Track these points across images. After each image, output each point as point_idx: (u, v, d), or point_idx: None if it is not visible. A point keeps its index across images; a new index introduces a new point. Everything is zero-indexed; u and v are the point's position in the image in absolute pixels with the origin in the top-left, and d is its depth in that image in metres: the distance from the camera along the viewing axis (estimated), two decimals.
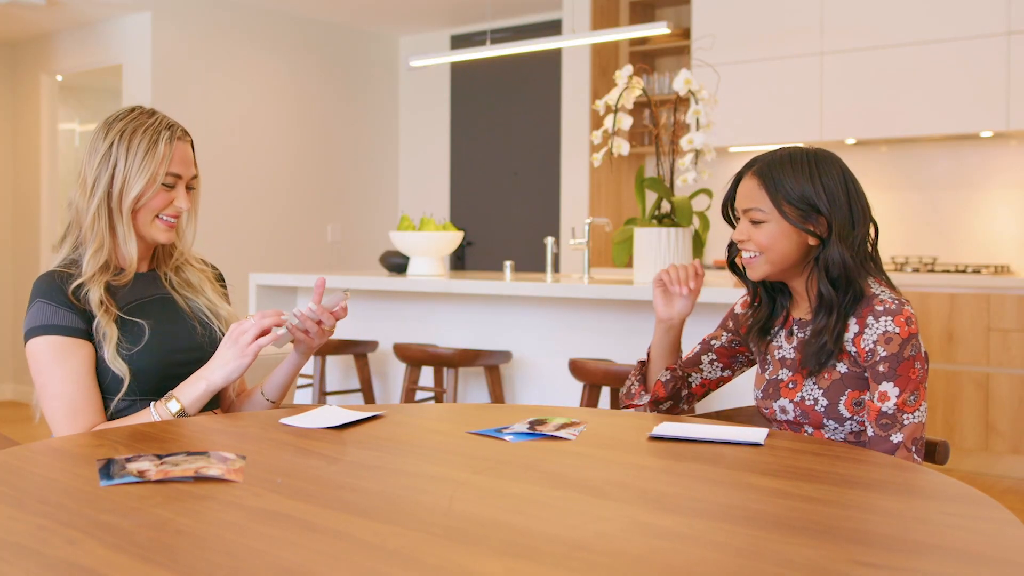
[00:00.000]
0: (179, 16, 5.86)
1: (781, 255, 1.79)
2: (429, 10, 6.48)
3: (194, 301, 1.95)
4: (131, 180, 1.81)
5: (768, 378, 1.89)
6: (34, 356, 1.78)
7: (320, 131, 6.65)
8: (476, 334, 3.84)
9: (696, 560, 1.02)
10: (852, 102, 5.05)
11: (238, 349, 1.76)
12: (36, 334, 1.78)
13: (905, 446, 1.69)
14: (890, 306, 1.72)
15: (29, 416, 6.10)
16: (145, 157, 1.82)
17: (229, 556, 1.01)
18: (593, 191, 5.95)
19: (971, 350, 4.51)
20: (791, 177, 1.77)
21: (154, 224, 1.87)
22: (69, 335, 1.77)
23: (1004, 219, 5.04)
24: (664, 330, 1.99)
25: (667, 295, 1.97)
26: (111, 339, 1.78)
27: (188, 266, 1.99)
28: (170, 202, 1.86)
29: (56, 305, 1.78)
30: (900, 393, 1.69)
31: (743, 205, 1.82)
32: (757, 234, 1.79)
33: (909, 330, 1.70)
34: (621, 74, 3.40)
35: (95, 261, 1.83)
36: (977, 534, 1.12)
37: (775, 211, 1.77)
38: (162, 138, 1.83)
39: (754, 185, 1.80)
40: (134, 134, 1.83)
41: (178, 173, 1.86)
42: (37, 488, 1.27)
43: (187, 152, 1.89)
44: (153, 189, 1.83)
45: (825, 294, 1.76)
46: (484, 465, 1.42)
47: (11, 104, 6.60)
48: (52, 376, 1.76)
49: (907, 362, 1.69)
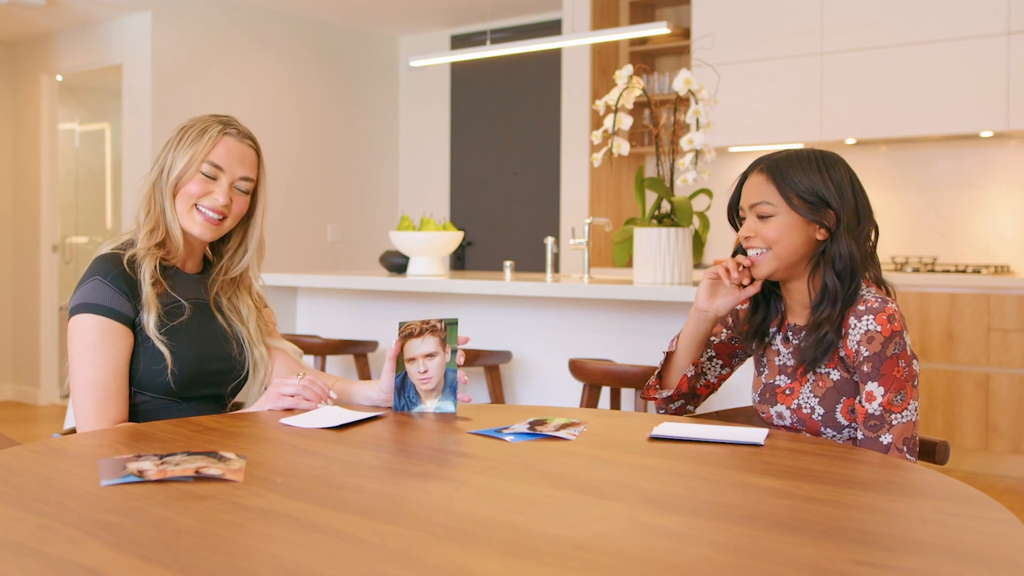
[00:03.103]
0: (179, 16, 5.86)
1: (789, 249, 1.77)
2: (429, 10, 6.48)
3: (237, 327, 1.97)
4: (177, 161, 1.88)
5: (765, 382, 1.89)
6: (79, 332, 1.78)
7: (320, 131, 6.65)
8: (476, 334, 3.84)
9: (696, 560, 1.02)
10: (852, 102, 5.05)
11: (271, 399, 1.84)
12: (85, 311, 1.78)
13: (896, 447, 1.68)
14: (872, 304, 1.70)
15: (29, 416, 6.10)
16: (193, 141, 1.88)
17: (229, 556, 1.02)
18: (593, 191, 5.95)
19: (971, 350, 4.51)
20: (799, 171, 1.77)
21: (191, 214, 1.89)
22: (116, 319, 1.78)
23: (1004, 219, 5.04)
24: (699, 320, 1.92)
25: (714, 287, 1.90)
26: (154, 311, 1.80)
27: (244, 295, 2.00)
28: (208, 192, 1.88)
29: (112, 287, 1.79)
30: (885, 393, 1.67)
31: (750, 200, 1.81)
32: (764, 229, 1.78)
33: (891, 328, 1.68)
34: (621, 74, 3.40)
35: (150, 239, 1.87)
36: (977, 534, 1.12)
37: (784, 203, 1.76)
38: (210, 130, 1.89)
39: (762, 180, 1.80)
40: (194, 125, 1.91)
41: (220, 165, 1.88)
42: (37, 488, 1.27)
43: (239, 150, 1.91)
44: (191, 172, 1.87)
45: (831, 285, 1.74)
46: (484, 465, 1.42)
47: (11, 104, 6.60)
48: (90, 358, 1.76)
49: (890, 360, 1.67)
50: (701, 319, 1.92)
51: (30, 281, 6.48)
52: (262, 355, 1.98)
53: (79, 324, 1.78)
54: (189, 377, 1.84)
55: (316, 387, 1.83)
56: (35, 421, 5.97)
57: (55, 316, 6.45)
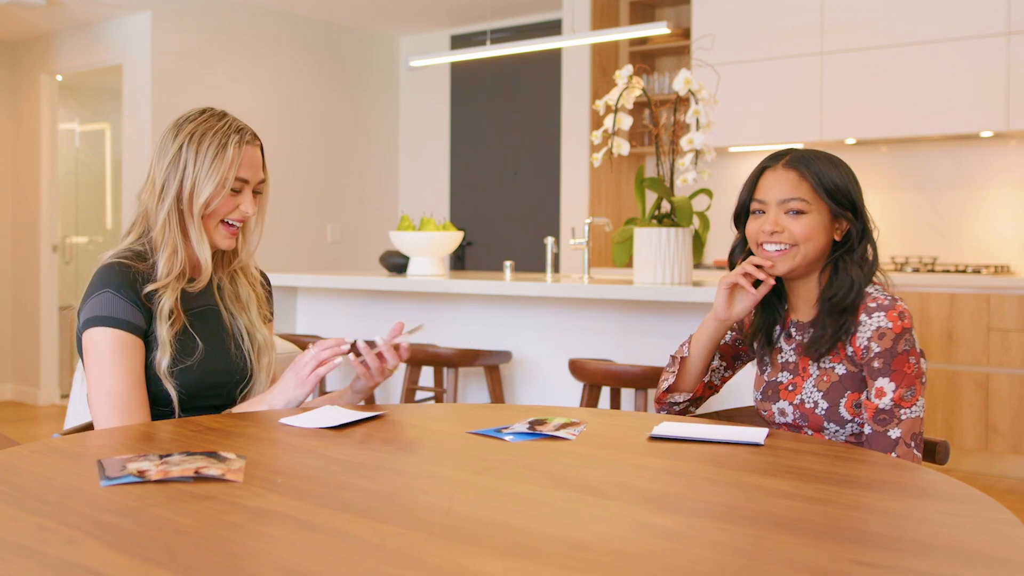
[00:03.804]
0: (179, 16, 5.86)
1: (816, 247, 1.79)
2: (429, 10, 6.48)
3: (237, 319, 1.94)
4: (200, 183, 1.80)
5: (767, 380, 1.89)
6: (96, 346, 1.76)
7: (320, 131, 6.65)
8: (476, 334, 3.84)
9: (696, 560, 1.02)
10: (852, 102, 5.05)
11: (298, 380, 1.80)
12: (99, 324, 1.76)
13: (904, 441, 1.69)
14: (883, 302, 1.73)
15: (29, 416, 6.10)
16: (214, 161, 1.80)
17: (229, 556, 1.01)
18: (593, 191, 5.95)
19: (971, 350, 4.51)
20: (830, 170, 1.79)
21: (218, 230, 1.85)
22: (131, 332, 1.77)
23: (1004, 219, 5.04)
24: (717, 328, 1.91)
25: (732, 294, 1.88)
26: (166, 352, 1.78)
27: (241, 278, 1.98)
28: (236, 207, 1.84)
29: (124, 299, 1.77)
30: (896, 388, 1.69)
31: (781, 196, 1.79)
32: (795, 225, 1.78)
33: (902, 324, 1.70)
34: (621, 74, 3.40)
35: (170, 265, 1.81)
36: (977, 534, 1.12)
37: (819, 200, 1.77)
38: (231, 142, 1.81)
39: (793, 176, 1.79)
40: (204, 136, 1.81)
41: (246, 178, 1.84)
42: (37, 488, 1.27)
43: (256, 156, 1.87)
44: (223, 194, 1.81)
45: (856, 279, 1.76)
46: (484, 465, 1.42)
47: (11, 104, 6.60)
48: (109, 371, 1.75)
49: (901, 356, 1.69)
50: (720, 327, 1.92)
51: (30, 281, 6.48)
52: (265, 338, 1.96)
53: (95, 338, 1.76)
54: (192, 394, 1.83)
55: (327, 344, 1.80)
56: (35, 421, 5.97)
57: (55, 316, 6.44)
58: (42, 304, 6.39)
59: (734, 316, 1.89)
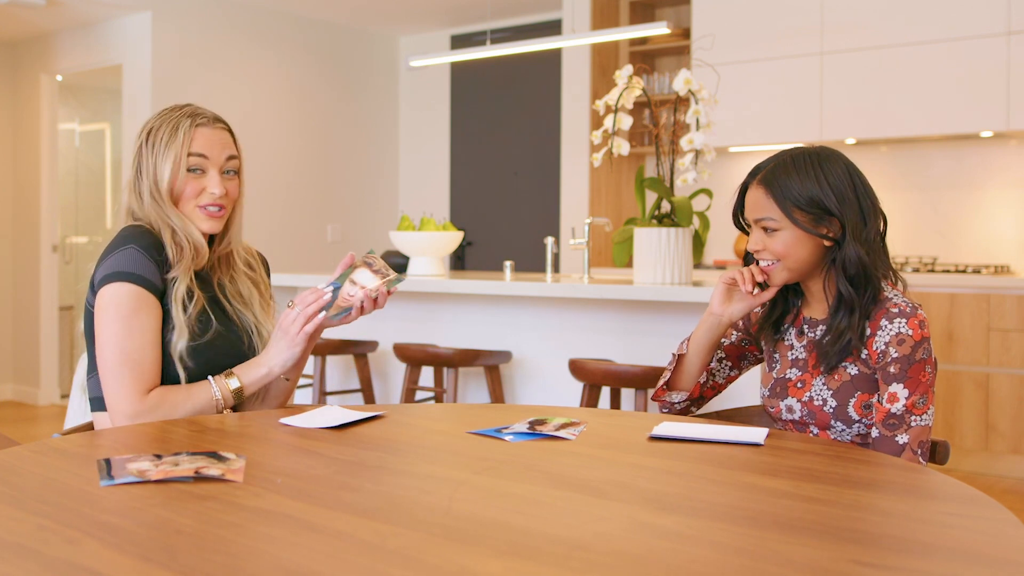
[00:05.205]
0: (179, 16, 5.86)
1: (798, 260, 1.78)
2: (429, 10, 6.48)
3: (244, 315, 1.95)
4: (160, 168, 1.84)
5: (776, 376, 1.89)
6: (114, 300, 1.74)
7: (320, 131, 6.65)
8: (476, 334, 3.84)
9: (696, 560, 1.02)
10: (852, 102, 5.05)
11: (288, 340, 1.81)
12: (122, 279, 1.74)
13: (911, 448, 1.69)
14: (904, 309, 1.72)
15: (29, 416, 6.10)
16: (168, 144, 1.84)
17: (229, 557, 1.01)
18: (593, 191, 5.95)
19: (971, 350, 4.51)
20: (797, 181, 1.76)
21: (195, 213, 1.87)
22: (151, 291, 1.76)
23: (1004, 219, 5.04)
24: (712, 324, 1.92)
25: (729, 291, 1.90)
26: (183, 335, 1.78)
27: (241, 275, 1.99)
28: (203, 188, 1.86)
29: (148, 259, 1.77)
30: (910, 395, 1.69)
31: (753, 215, 1.81)
32: (772, 243, 1.78)
33: (922, 333, 1.70)
34: (621, 74, 3.40)
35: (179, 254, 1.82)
36: (977, 534, 1.12)
37: (786, 219, 1.76)
38: (183, 125, 1.85)
39: (761, 194, 1.79)
40: (161, 126, 1.87)
41: (202, 153, 1.86)
42: (37, 488, 1.27)
43: (215, 136, 1.88)
44: (180, 174, 1.84)
45: (845, 294, 1.75)
46: (484, 465, 1.42)
47: (11, 104, 6.60)
48: (126, 327, 1.73)
49: (918, 364, 1.70)
50: (714, 323, 1.92)
51: (30, 281, 6.48)
52: (271, 332, 1.96)
53: (116, 292, 1.74)
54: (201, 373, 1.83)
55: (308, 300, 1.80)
56: (35, 421, 5.97)
57: (55, 316, 6.44)
58: (42, 304, 6.39)
59: (728, 314, 1.90)
